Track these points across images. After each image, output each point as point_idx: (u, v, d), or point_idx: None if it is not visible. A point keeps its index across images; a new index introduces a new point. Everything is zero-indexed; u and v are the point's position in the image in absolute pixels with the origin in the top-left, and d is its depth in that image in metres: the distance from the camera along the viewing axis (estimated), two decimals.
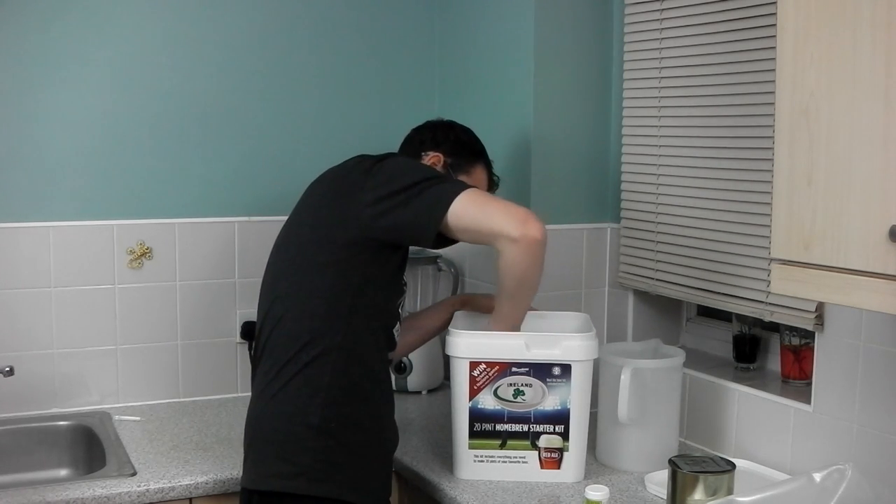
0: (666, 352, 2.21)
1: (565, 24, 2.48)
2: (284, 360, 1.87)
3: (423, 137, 2.19)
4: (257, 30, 2.67)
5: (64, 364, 2.53)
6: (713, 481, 1.77)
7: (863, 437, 1.87)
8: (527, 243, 1.80)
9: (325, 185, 1.98)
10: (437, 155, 2.14)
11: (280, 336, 1.90)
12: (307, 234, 1.93)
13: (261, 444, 1.90)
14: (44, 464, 2.41)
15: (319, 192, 1.98)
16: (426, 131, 2.21)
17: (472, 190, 1.85)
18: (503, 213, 1.81)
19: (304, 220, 1.97)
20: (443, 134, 2.19)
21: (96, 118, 2.53)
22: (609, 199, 2.57)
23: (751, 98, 2.09)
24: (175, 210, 2.62)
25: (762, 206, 2.06)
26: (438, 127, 2.22)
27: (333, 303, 1.87)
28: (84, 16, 2.49)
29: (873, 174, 1.37)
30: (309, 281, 1.89)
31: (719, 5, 2.17)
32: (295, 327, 1.88)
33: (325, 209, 1.92)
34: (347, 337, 1.87)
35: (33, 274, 2.49)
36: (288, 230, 2.00)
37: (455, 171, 2.14)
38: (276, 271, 1.97)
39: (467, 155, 2.19)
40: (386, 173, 1.87)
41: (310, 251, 1.90)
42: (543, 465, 2.06)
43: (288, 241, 1.98)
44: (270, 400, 1.89)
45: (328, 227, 1.89)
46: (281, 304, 1.91)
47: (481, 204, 1.83)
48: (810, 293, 1.53)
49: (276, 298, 1.92)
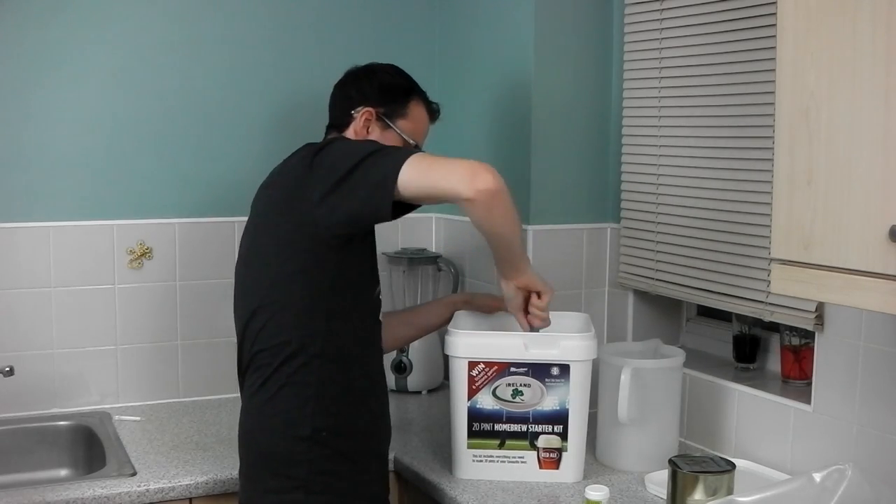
0: (666, 352, 2.21)
1: (565, 24, 2.48)
2: (269, 373, 1.85)
3: (348, 94, 2.06)
4: (257, 29, 2.67)
5: (64, 364, 2.53)
6: (713, 481, 1.77)
7: (863, 437, 1.87)
8: (482, 199, 1.72)
9: (274, 188, 1.91)
10: (368, 110, 2.01)
11: (262, 349, 1.86)
12: (269, 244, 1.87)
13: (254, 459, 1.89)
14: (44, 464, 2.41)
15: (270, 196, 1.91)
16: (349, 86, 2.07)
17: (415, 156, 1.75)
18: (449, 172, 1.72)
19: (261, 228, 1.90)
20: (366, 84, 2.05)
21: (96, 118, 2.53)
22: (609, 199, 2.57)
23: (751, 98, 2.09)
24: (175, 210, 2.62)
25: (762, 206, 2.06)
26: (359, 77, 2.08)
27: (310, 310, 1.83)
28: (84, 16, 2.49)
29: (873, 174, 1.37)
30: (280, 291, 1.84)
31: (719, 5, 2.17)
32: (275, 340, 1.84)
33: (280, 216, 1.85)
34: (329, 341, 1.84)
35: (33, 274, 2.49)
36: (250, 240, 1.93)
37: (391, 118, 2.03)
38: (246, 284, 1.92)
39: (397, 96, 2.05)
40: (325, 165, 1.79)
41: (275, 261, 1.84)
42: (542, 465, 2.06)
43: (251, 252, 1.91)
44: (258, 414, 1.87)
45: (287, 234, 1.83)
46: (258, 319, 1.86)
47: (426, 169, 1.73)
48: (810, 293, 1.53)
49: (253, 313, 1.87)
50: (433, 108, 2.13)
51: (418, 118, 2.08)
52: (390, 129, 2.03)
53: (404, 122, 2.05)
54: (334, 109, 2.09)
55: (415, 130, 2.06)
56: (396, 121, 2.04)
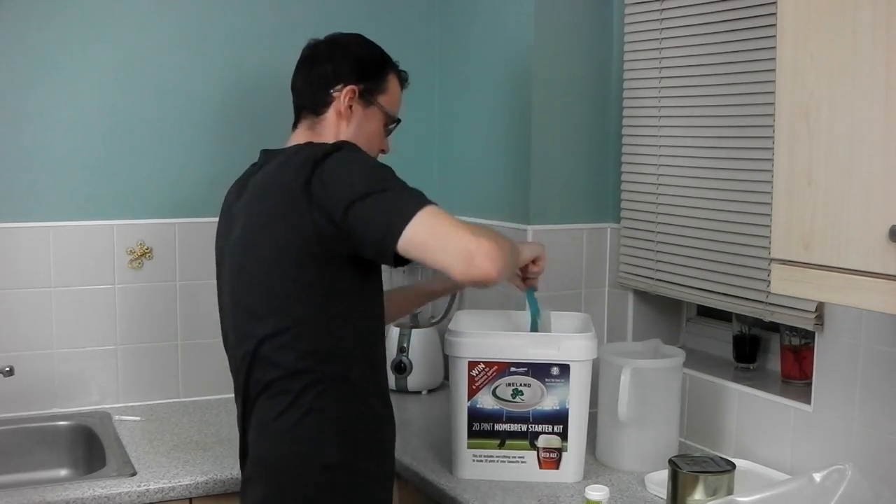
0: (666, 352, 2.21)
1: (565, 24, 2.48)
2: (289, 400, 1.74)
3: (322, 72, 1.89)
4: (257, 29, 2.67)
5: (64, 364, 2.53)
6: (713, 481, 1.77)
7: (863, 437, 1.87)
8: (474, 284, 1.65)
9: (269, 199, 1.75)
10: (351, 87, 1.87)
11: (278, 378, 1.75)
12: (272, 263, 1.73)
13: (279, 487, 1.77)
14: (44, 464, 2.41)
15: (265, 209, 1.76)
16: (321, 63, 1.90)
17: (426, 211, 1.63)
18: (448, 247, 1.60)
19: (259, 243, 1.75)
20: (341, 59, 1.90)
21: (96, 118, 2.53)
22: (609, 199, 2.57)
23: (751, 98, 2.09)
24: (175, 210, 2.62)
25: (762, 206, 2.06)
26: (331, 52, 1.91)
27: (326, 334, 1.74)
28: (84, 16, 2.49)
29: (873, 174, 1.37)
30: (292, 316, 1.73)
31: (719, 5, 2.17)
32: (292, 366, 1.73)
33: (283, 232, 1.71)
34: (346, 363, 1.76)
35: (33, 274, 2.49)
36: (243, 255, 1.79)
37: (372, 94, 1.90)
38: (248, 305, 1.79)
39: (375, 70, 1.92)
40: (335, 183, 1.67)
41: (282, 282, 1.73)
42: (542, 464, 2.06)
43: (249, 270, 1.78)
44: (281, 443, 1.77)
45: (295, 253, 1.70)
46: (270, 345, 1.74)
47: (428, 233, 1.61)
48: (810, 293, 1.53)
49: (262, 340, 1.75)
50: (403, 77, 2.00)
51: (395, 90, 1.97)
52: (373, 105, 1.91)
53: (384, 96, 1.93)
54: (307, 90, 1.91)
55: (393, 104, 1.96)
56: (378, 96, 1.92)
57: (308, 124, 1.90)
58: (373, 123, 1.92)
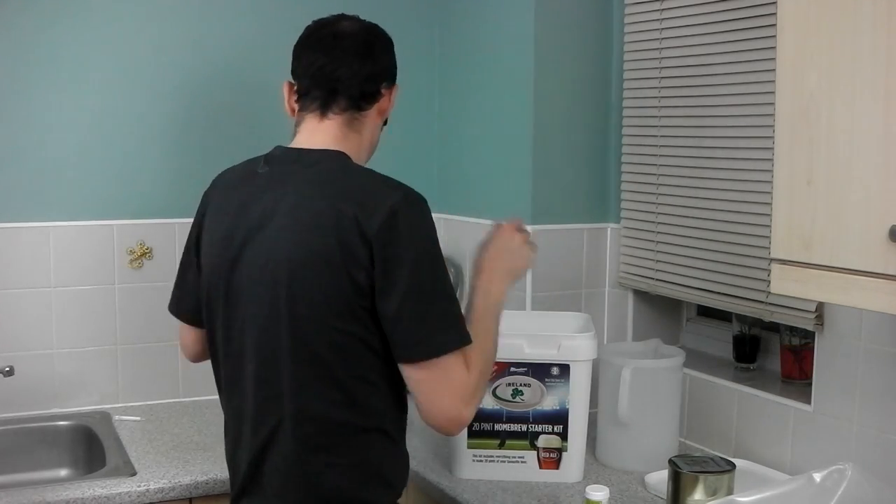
0: (666, 352, 2.21)
1: (565, 24, 2.48)
2: (325, 447, 1.63)
3: (383, 64, 1.74)
4: (257, 30, 2.67)
5: (64, 364, 2.53)
6: (713, 481, 1.77)
7: (863, 437, 1.87)
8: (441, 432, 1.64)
9: (322, 235, 1.57)
10: (395, 86, 1.76)
11: (308, 430, 1.62)
12: (319, 299, 1.58)
13: None
14: (44, 464, 2.41)
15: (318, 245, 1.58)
16: (380, 53, 1.73)
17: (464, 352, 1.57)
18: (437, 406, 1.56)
19: (296, 293, 1.59)
20: (391, 54, 1.76)
21: (96, 118, 2.53)
22: (609, 199, 2.57)
23: (751, 98, 2.09)
24: (175, 210, 2.62)
25: (762, 206, 2.06)
26: (388, 46, 1.77)
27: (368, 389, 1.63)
28: (84, 16, 2.49)
29: (873, 174, 1.37)
30: (327, 373, 1.60)
31: (719, 5, 2.17)
32: (327, 417, 1.61)
33: (332, 275, 1.56)
34: (380, 412, 1.65)
35: (33, 274, 2.49)
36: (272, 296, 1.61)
37: None
38: (273, 353, 1.63)
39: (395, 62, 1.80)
40: (406, 269, 1.56)
41: (328, 324, 1.58)
42: (542, 464, 2.06)
43: (277, 315, 1.61)
44: (317, 484, 1.64)
45: (341, 297, 1.57)
46: (300, 397, 1.61)
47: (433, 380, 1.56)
48: (810, 293, 1.53)
49: (296, 390, 1.61)
50: None
51: None
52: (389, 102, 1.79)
53: (390, 92, 1.79)
54: (356, 79, 1.69)
55: None
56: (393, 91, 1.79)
57: (346, 119, 1.70)
58: (381, 121, 1.83)
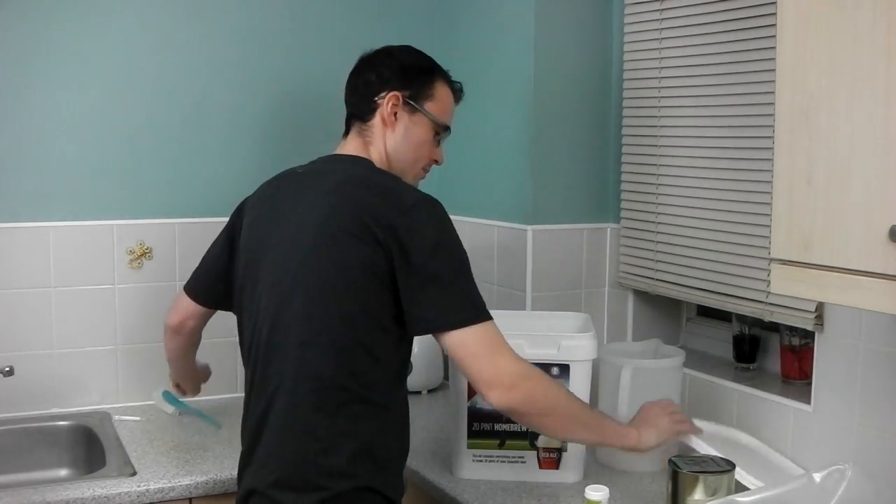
0: (666, 352, 2.21)
1: (565, 25, 2.48)
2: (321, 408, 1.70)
3: (367, 80, 1.88)
4: (257, 30, 2.67)
5: (64, 364, 2.53)
6: (713, 481, 1.77)
7: (863, 437, 1.87)
8: (506, 410, 1.71)
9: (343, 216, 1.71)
10: (394, 94, 1.85)
11: (306, 387, 1.70)
12: (337, 278, 1.69)
13: None
14: (44, 464, 2.41)
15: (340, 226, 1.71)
16: (366, 72, 1.89)
17: (487, 325, 1.67)
18: (482, 370, 1.67)
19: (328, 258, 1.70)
20: (386, 66, 1.88)
21: (96, 118, 2.53)
22: (609, 199, 2.57)
23: (751, 98, 2.09)
24: (175, 210, 2.62)
25: (762, 206, 2.06)
26: (376, 60, 1.90)
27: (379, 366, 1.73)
28: (84, 16, 2.49)
29: (873, 174, 1.37)
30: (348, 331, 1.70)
31: (719, 5, 2.17)
32: (324, 377, 1.70)
33: (350, 254, 1.68)
34: (379, 387, 1.74)
35: (33, 274, 2.49)
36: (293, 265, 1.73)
37: (418, 100, 1.87)
38: (306, 310, 1.71)
39: (421, 76, 1.90)
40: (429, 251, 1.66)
41: (341, 297, 1.69)
42: (542, 464, 2.06)
43: (320, 279, 1.71)
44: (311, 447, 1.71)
45: (355, 273, 1.68)
46: (302, 359, 1.71)
47: (473, 345, 1.66)
48: (810, 293, 1.53)
49: (300, 352, 1.71)
50: (457, 88, 1.98)
51: (444, 99, 1.93)
52: (419, 112, 1.87)
53: (431, 103, 1.89)
54: (354, 98, 1.91)
55: (442, 112, 1.92)
56: (424, 103, 1.88)
57: (357, 130, 1.89)
58: (420, 130, 1.88)
